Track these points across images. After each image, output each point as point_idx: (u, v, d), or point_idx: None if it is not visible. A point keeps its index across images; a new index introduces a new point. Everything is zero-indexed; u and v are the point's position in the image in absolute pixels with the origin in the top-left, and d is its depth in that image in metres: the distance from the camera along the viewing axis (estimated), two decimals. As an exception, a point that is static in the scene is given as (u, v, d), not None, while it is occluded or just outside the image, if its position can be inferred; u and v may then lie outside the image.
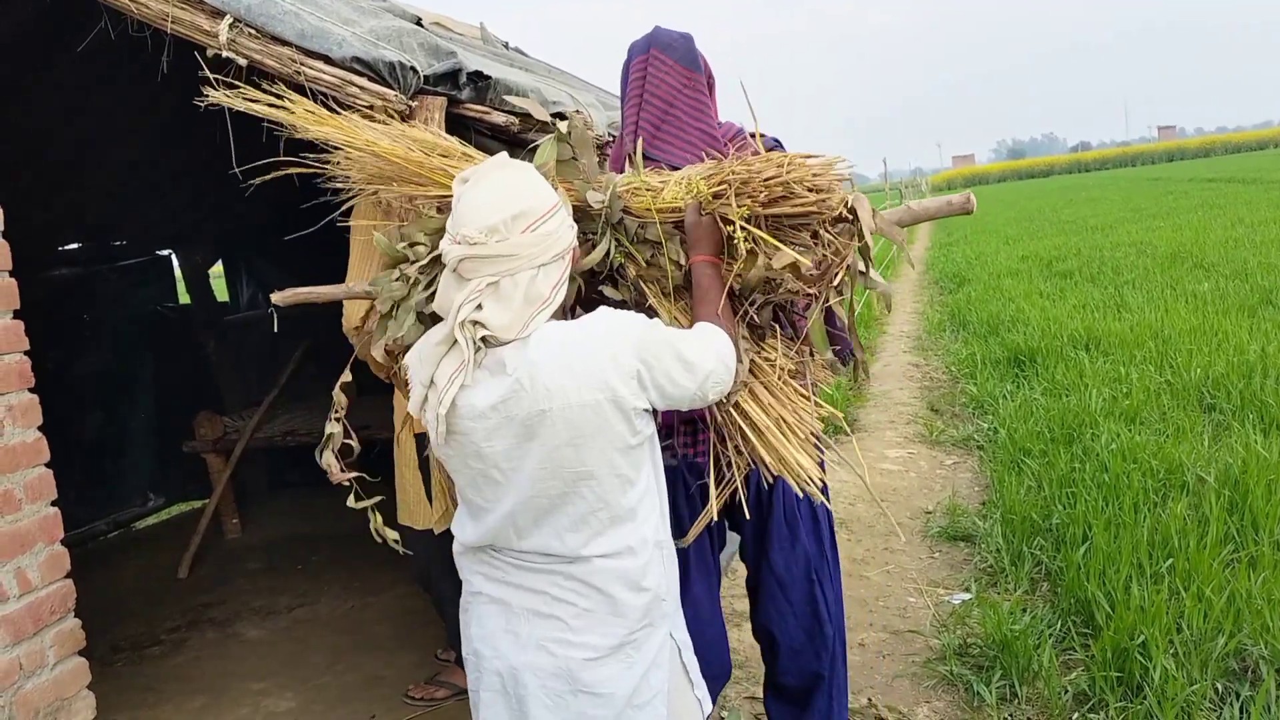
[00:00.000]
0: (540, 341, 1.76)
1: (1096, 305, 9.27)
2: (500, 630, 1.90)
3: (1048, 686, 3.10)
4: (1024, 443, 5.38)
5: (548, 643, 1.85)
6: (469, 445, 1.80)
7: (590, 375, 1.75)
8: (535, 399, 1.73)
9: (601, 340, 1.79)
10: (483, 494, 1.86)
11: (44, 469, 2.60)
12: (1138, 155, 67.91)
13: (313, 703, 3.63)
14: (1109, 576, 3.57)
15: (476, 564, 1.96)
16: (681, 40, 2.47)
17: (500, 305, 1.74)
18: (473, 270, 1.75)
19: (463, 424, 1.79)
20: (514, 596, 1.89)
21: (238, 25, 2.58)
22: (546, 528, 1.83)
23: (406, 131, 2.25)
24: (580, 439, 1.76)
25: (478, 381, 1.76)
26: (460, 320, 1.73)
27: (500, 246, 1.73)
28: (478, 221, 1.74)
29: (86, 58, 3.32)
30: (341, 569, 5.06)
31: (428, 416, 1.83)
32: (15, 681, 2.46)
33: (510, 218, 1.74)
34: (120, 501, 6.51)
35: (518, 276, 1.75)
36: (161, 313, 6.85)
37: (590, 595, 1.84)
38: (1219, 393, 5.80)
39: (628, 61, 2.50)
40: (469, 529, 1.94)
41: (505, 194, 1.78)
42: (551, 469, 1.78)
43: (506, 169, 1.85)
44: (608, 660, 1.85)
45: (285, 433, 5.71)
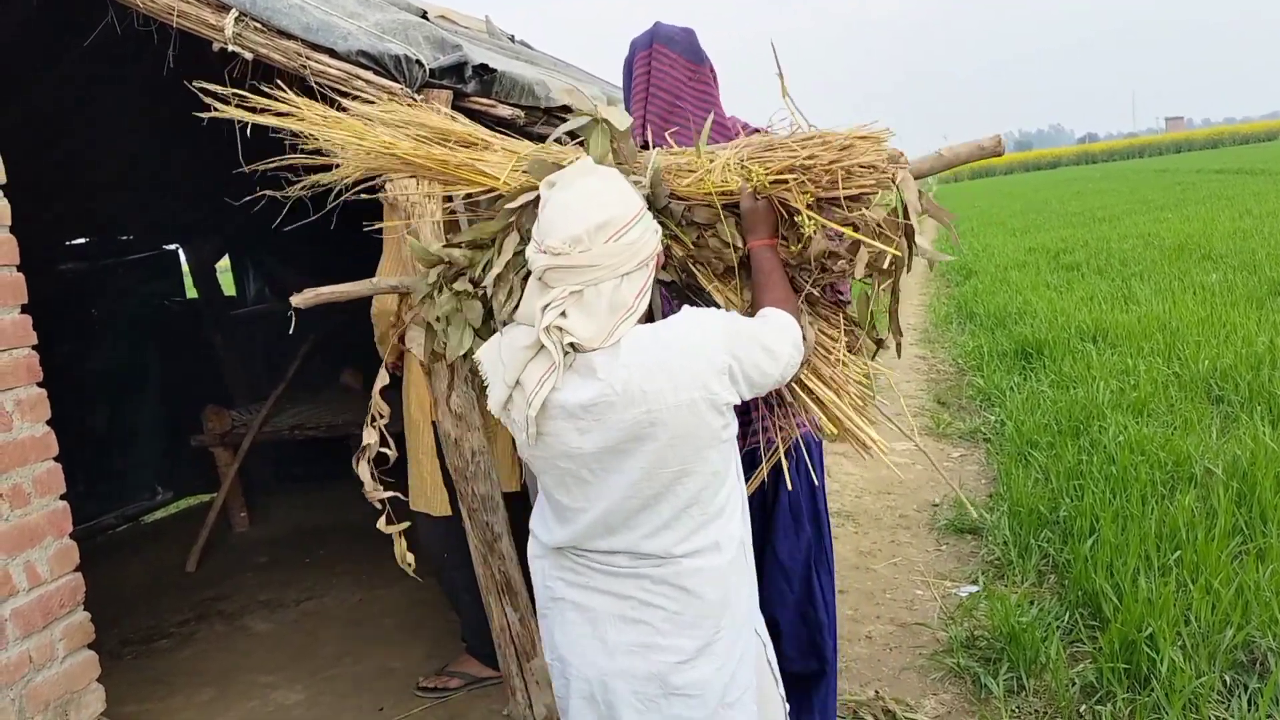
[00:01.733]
0: (632, 346, 1.75)
1: (1104, 297, 9.24)
2: (586, 637, 1.89)
3: (1055, 679, 3.09)
4: (1031, 435, 5.37)
5: (637, 648, 1.85)
6: (559, 445, 1.80)
7: (687, 375, 1.75)
8: (632, 403, 1.73)
9: (693, 339, 1.79)
10: (571, 494, 1.85)
11: (53, 463, 2.61)
12: (1145, 146, 67.64)
13: (321, 695, 3.64)
14: (1117, 569, 3.56)
15: (557, 569, 1.95)
16: (683, 34, 2.47)
17: (585, 315, 1.73)
18: (557, 279, 1.74)
19: (553, 425, 1.78)
20: (599, 602, 1.88)
21: (243, 19, 2.58)
22: (639, 528, 1.82)
23: (420, 118, 2.17)
24: (678, 439, 1.76)
25: (567, 383, 1.76)
26: (545, 326, 1.72)
27: (583, 257, 1.72)
28: (561, 231, 1.73)
29: (93, 52, 3.33)
30: (349, 562, 5.07)
31: (513, 416, 1.83)
32: (26, 674, 2.47)
33: (594, 228, 1.73)
34: (128, 495, 6.53)
35: (601, 286, 1.74)
36: (169, 307, 6.87)
37: (679, 597, 1.84)
38: (1227, 384, 5.78)
39: (630, 57, 2.50)
40: (555, 531, 1.92)
41: (589, 203, 1.77)
42: (649, 470, 1.77)
43: (590, 175, 1.84)
44: (697, 662, 1.85)
45: (293, 426, 5.73)
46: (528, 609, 2.97)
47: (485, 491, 2.86)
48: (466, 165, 2.06)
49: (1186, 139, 67.57)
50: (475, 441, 2.83)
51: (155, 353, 6.55)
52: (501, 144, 2.10)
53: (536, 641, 2.97)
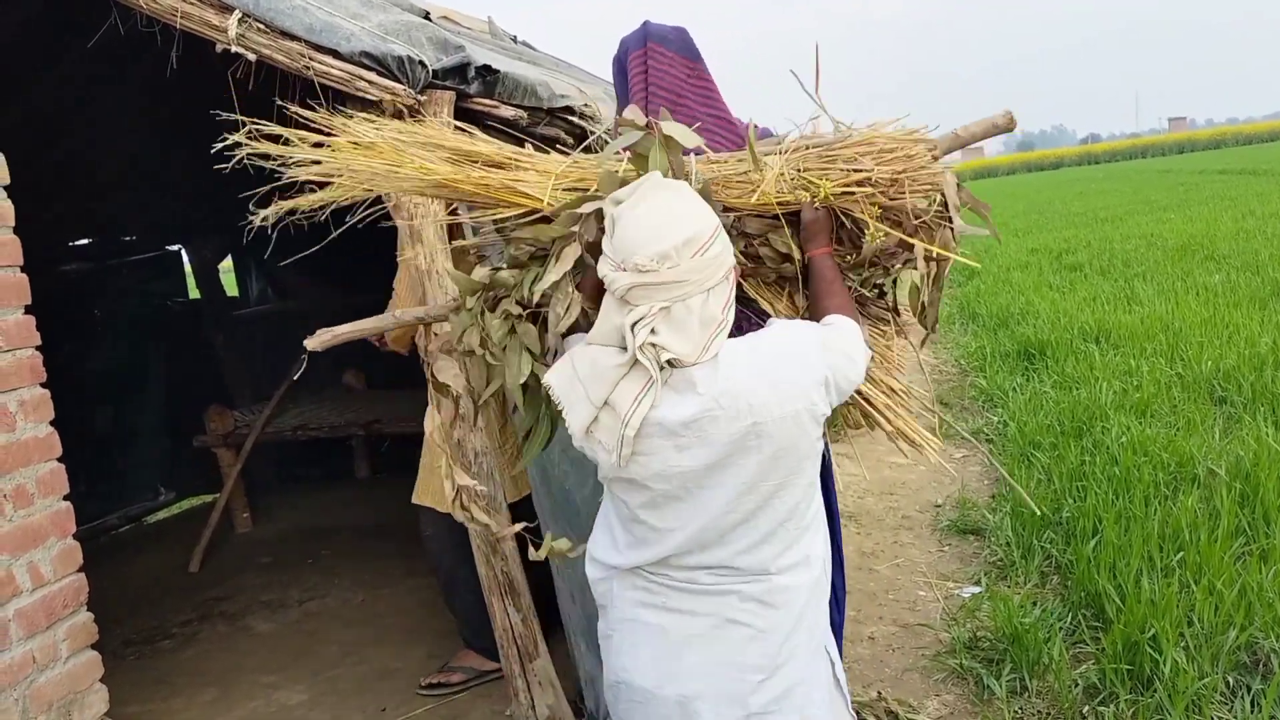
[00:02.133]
0: (733, 360, 1.74)
1: (1107, 298, 9.23)
2: (663, 658, 1.86)
3: (1058, 680, 3.09)
4: (1034, 436, 5.37)
5: (718, 668, 1.83)
6: (654, 465, 1.76)
7: (791, 386, 1.75)
8: (738, 416, 1.71)
9: (793, 352, 1.79)
10: (661, 514, 1.81)
11: (56, 463, 2.61)
12: (1148, 147, 67.51)
13: (324, 695, 3.65)
14: (1119, 569, 3.56)
15: (628, 589, 1.90)
16: (675, 32, 2.44)
17: (677, 332, 1.70)
18: (642, 297, 1.70)
19: (649, 443, 1.74)
20: (676, 623, 1.85)
21: (246, 20, 2.58)
22: (735, 544, 1.80)
23: (443, 138, 2.09)
24: (782, 451, 1.75)
25: (665, 400, 1.72)
26: (639, 344, 1.69)
27: (671, 273, 1.68)
28: (648, 248, 1.69)
29: (95, 52, 3.33)
30: (352, 562, 5.08)
31: (600, 438, 1.77)
32: (29, 675, 2.48)
33: (681, 243, 1.69)
34: (131, 496, 6.54)
35: (690, 301, 1.70)
36: (171, 307, 6.88)
37: (766, 615, 1.82)
38: (1230, 385, 5.78)
39: (621, 57, 2.45)
40: (630, 553, 1.88)
41: (672, 218, 1.73)
42: (751, 484, 1.76)
43: (665, 190, 1.80)
44: (774, 681, 1.84)
45: (296, 427, 5.74)
46: (530, 609, 2.97)
47: (488, 493, 2.85)
48: (507, 187, 1.99)
49: (1189, 139, 67.45)
50: (478, 442, 2.83)
51: (158, 353, 6.56)
52: (531, 163, 2.04)
53: (539, 642, 2.98)
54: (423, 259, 2.69)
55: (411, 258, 2.74)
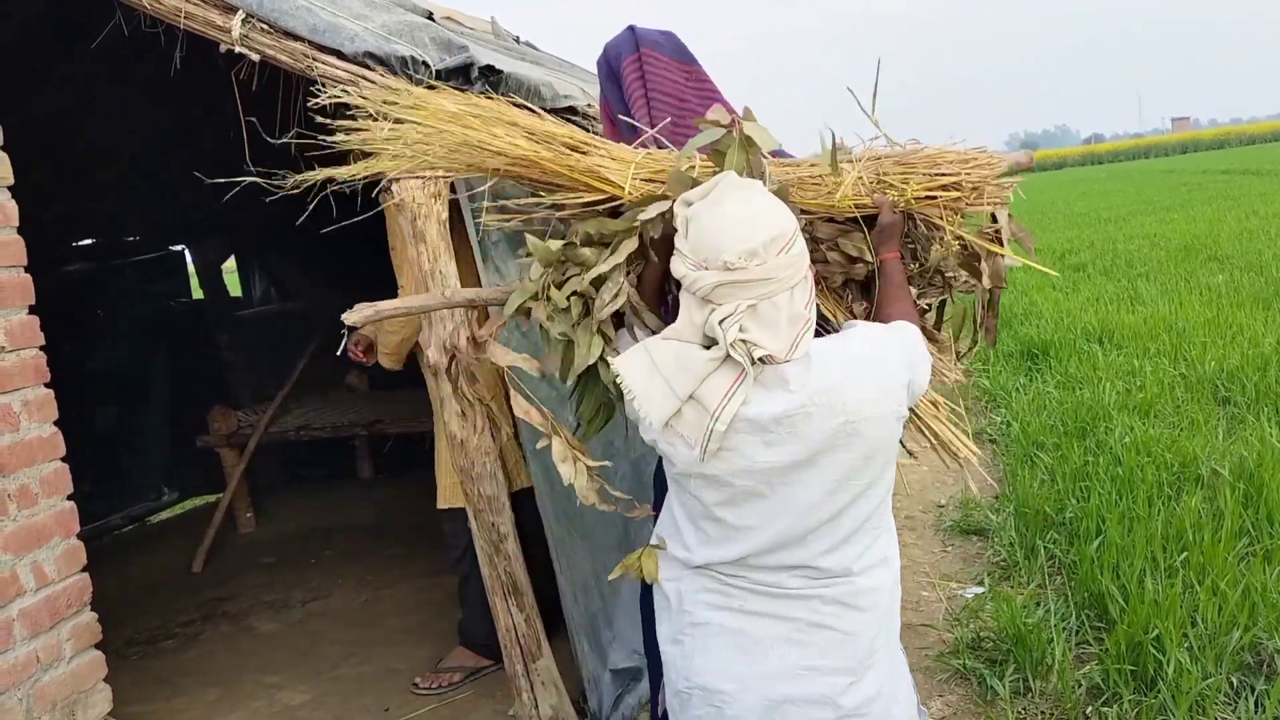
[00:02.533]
0: (825, 359, 1.74)
1: (1110, 298, 9.22)
2: (742, 662, 1.84)
3: (1061, 680, 3.09)
4: (1037, 436, 5.36)
5: (805, 671, 1.82)
6: (739, 460, 1.74)
7: (883, 387, 1.76)
8: (832, 415, 1.71)
9: (882, 352, 1.80)
10: (740, 512, 1.79)
11: (60, 463, 2.62)
12: (1151, 147, 67.47)
13: (327, 695, 3.65)
14: (1123, 570, 3.56)
15: (701, 591, 1.88)
16: (665, 36, 2.40)
17: (765, 329, 1.70)
18: (728, 295, 1.69)
19: (736, 439, 1.72)
20: (758, 625, 1.84)
21: (250, 20, 2.59)
22: (817, 544, 1.79)
23: (526, 120, 2.01)
24: (872, 451, 1.76)
25: (754, 396, 1.71)
26: (732, 340, 1.67)
27: (759, 270, 1.68)
28: (735, 246, 1.68)
29: (100, 54, 3.33)
30: (355, 563, 5.08)
31: (681, 431, 1.75)
32: (33, 674, 2.48)
33: (768, 240, 1.70)
34: (135, 496, 6.54)
35: (776, 299, 1.70)
36: (175, 308, 6.88)
37: (850, 617, 1.82)
38: (1234, 385, 5.77)
39: (611, 63, 2.39)
40: (703, 551, 1.86)
41: (757, 216, 1.73)
42: (840, 483, 1.76)
43: (744, 189, 1.79)
44: (863, 683, 1.84)
45: (299, 427, 5.74)
46: (533, 609, 2.97)
47: (491, 492, 2.86)
48: (592, 171, 1.94)
49: (1193, 139, 67.40)
50: (481, 442, 2.83)
51: (161, 353, 6.56)
52: (606, 149, 2.00)
53: (542, 642, 2.98)
54: (426, 260, 2.69)
55: (414, 257, 2.73)
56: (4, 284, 2.49)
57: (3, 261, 2.49)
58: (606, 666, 3.12)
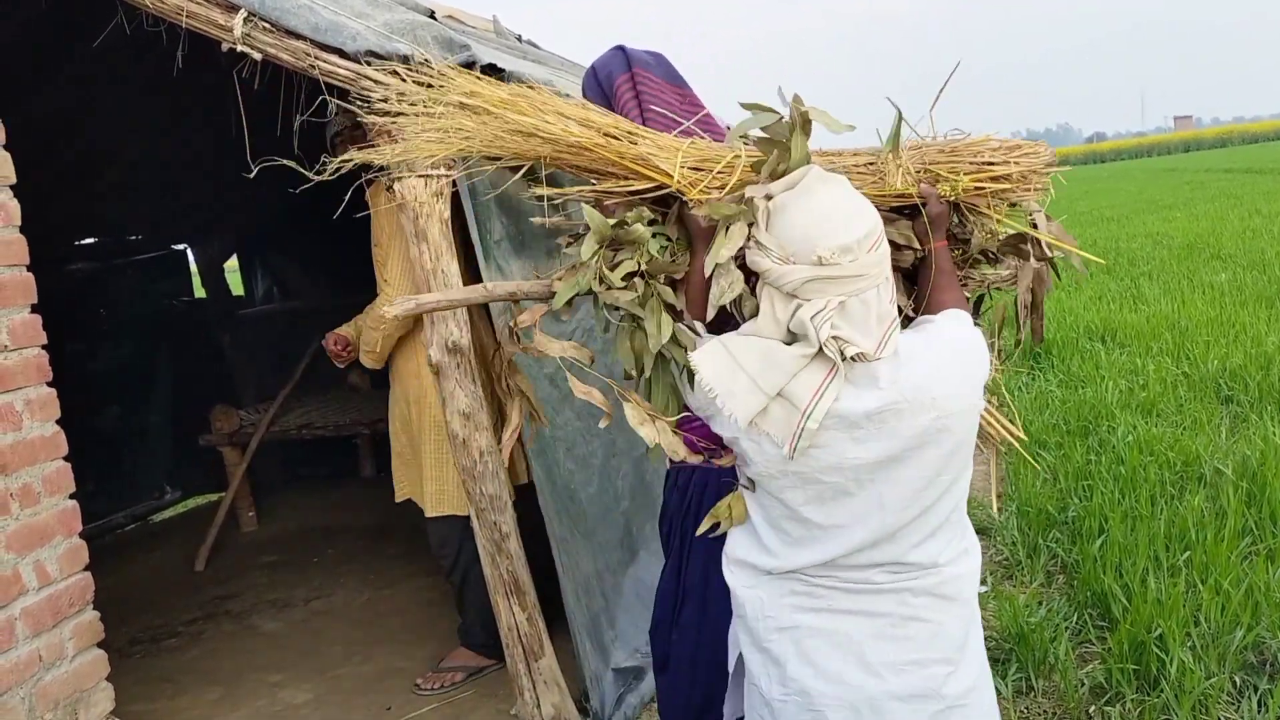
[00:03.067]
0: (912, 355, 1.73)
1: (1113, 297, 9.21)
2: (839, 661, 1.82)
3: (1064, 679, 3.09)
4: (1040, 435, 5.36)
5: (906, 665, 1.80)
6: (828, 458, 1.72)
7: (967, 382, 1.77)
8: (923, 409, 1.70)
9: (966, 348, 1.80)
10: (829, 510, 1.77)
11: (62, 462, 2.62)
12: (1153, 146, 67.41)
13: (329, 694, 3.65)
14: (1126, 569, 3.55)
15: (784, 595, 1.86)
16: (655, 58, 2.36)
17: (854, 327, 1.67)
18: (816, 291, 1.66)
19: (825, 435, 1.70)
20: (849, 624, 1.82)
21: (252, 19, 2.59)
22: (907, 539, 1.78)
23: (571, 109, 1.95)
24: (961, 444, 1.76)
25: (844, 393, 1.69)
26: (824, 339, 1.65)
27: (852, 267, 1.66)
28: (828, 241, 1.65)
29: (102, 53, 3.33)
30: (357, 562, 5.08)
31: (766, 429, 1.72)
32: (35, 673, 2.48)
33: (862, 236, 1.68)
34: (137, 495, 6.55)
35: (865, 296, 1.68)
36: (177, 307, 6.88)
37: (941, 608, 1.82)
38: (1236, 384, 5.76)
39: (602, 82, 2.36)
40: (789, 555, 1.83)
41: (850, 211, 1.71)
42: (930, 478, 1.75)
43: (832, 182, 1.75)
44: (960, 672, 1.84)
45: (301, 426, 5.74)
46: (535, 608, 2.97)
47: (493, 491, 2.86)
48: (642, 160, 1.87)
49: (1195, 138, 67.32)
50: (483, 441, 2.83)
51: (164, 352, 6.56)
52: (649, 137, 1.93)
53: (544, 641, 2.98)
54: (428, 258, 2.69)
55: (416, 256, 2.73)
56: (6, 283, 2.49)
57: (5, 260, 2.49)
58: (609, 665, 3.12)
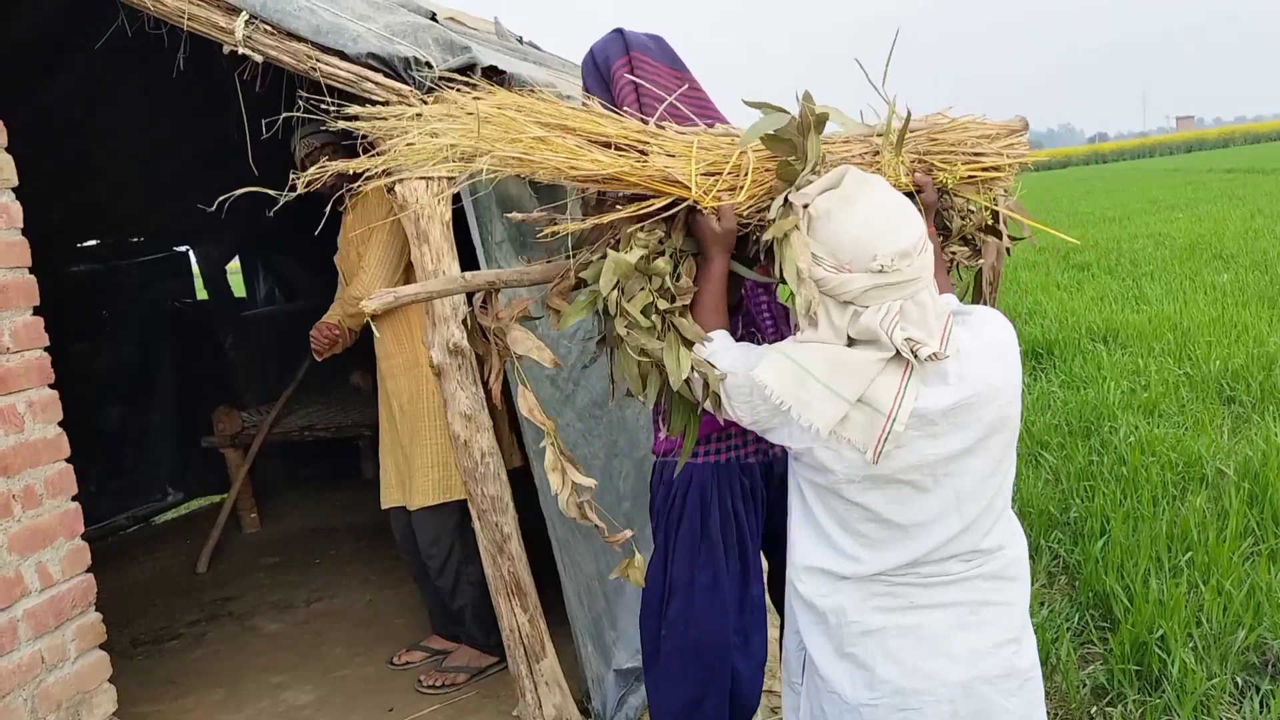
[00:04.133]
0: (970, 349, 1.76)
1: (1114, 297, 9.21)
2: (927, 656, 1.83)
3: (1066, 680, 3.09)
4: (1042, 435, 5.36)
5: (989, 649, 1.84)
6: (908, 457, 1.74)
7: (1016, 369, 1.83)
8: (989, 400, 1.74)
9: (1007, 336, 1.85)
10: (908, 510, 1.79)
11: (64, 464, 2.62)
12: (1156, 146, 67.34)
13: (332, 695, 3.65)
14: (1127, 570, 3.55)
15: (865, 599, 1.86)
16: (655, 41, 2.35)
17: (917, 327, 1.68)
18: (877, 297, 1.67)
19: (905, 435, 1.71)
20: (930, 618, 1.83)
21: (253, 22, 2.59)
22: (979, 529, 1.82)
23: (578, 122, 1.88)
24: (1014, 431, 1.84)
25: (919, 393, 1.71)
26: (899, 341, 1.66)
27: (910, 271, 1.67)
28: (887, 247, 1.65)
29: (104, 55, 3.34)
30: (359, 563, 5.09)
31: (850, 435, 1.72)
32: (38, 675, 2.49)
33: (917, 239, 1.69)
34: (139, 496, 6.55)
35: (920, 297, 1.70)
36: (179, 308, 6.89)
37: (1006, 589, 1.87)
38: (1238, 385, 5.76)
39: (600, 66, 2.33)
40: (874, 558, 1.84)
41: (896, 214, 1.72)
42: (996, 464, 1.81)
43: (872, 184, 1.75)
44: (1024, 645, 1.90)
45: (303, 427, 5.74)
46: (537, 609, 2.97)
47: (495, 493, 2.86)
48: (659, 174, 1.82)
49: (1197, 138, 67.26)
50: (485, 443, 2.83)
51: (166, 354, 6.57)
52: (659, 144, 1.88)
53: (546, 642, 2.98)
54: (430, 260, 2.69)
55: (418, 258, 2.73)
56: (9, 285, 2.49)
57: (8, 263, 2.49)
58: (610, 667, 3.12)
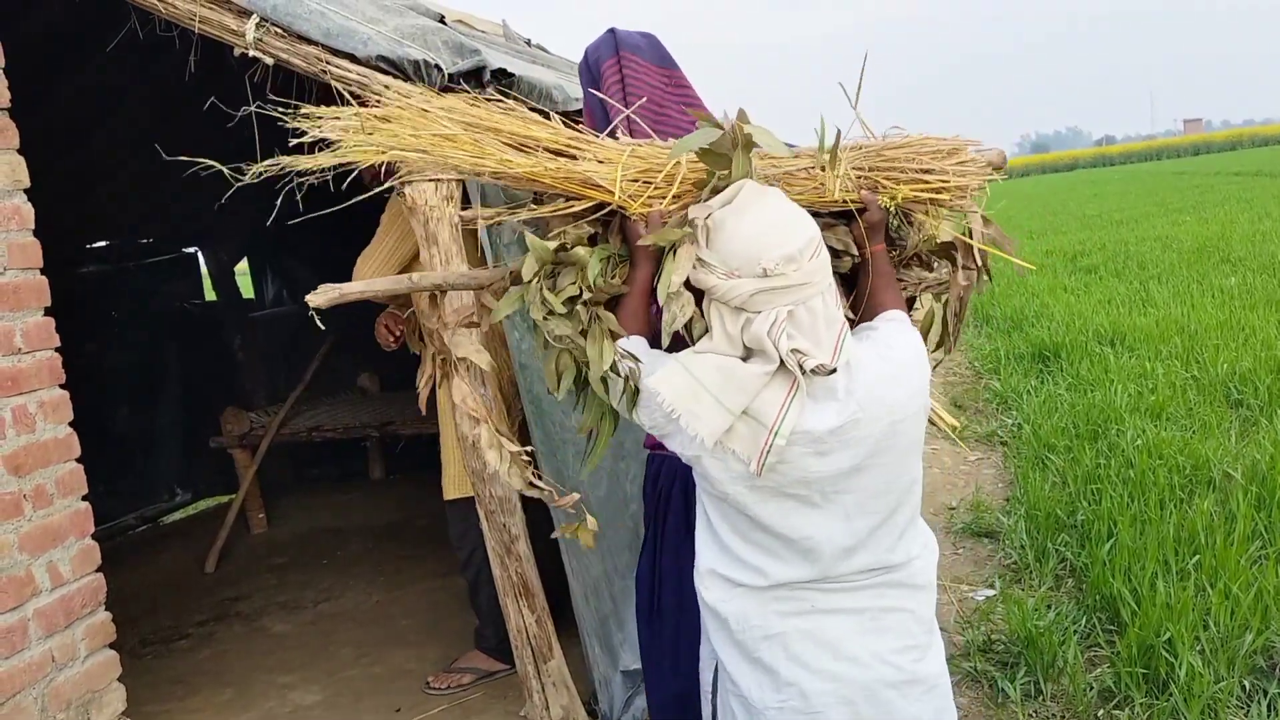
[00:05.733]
0: (863, 364, 1.75)
1: (1122, 300, 9.19)
2: (830, 659, 1.84)
3: (1073, 683, 3.08)
4: (1049, 439, 5.35)
5: (890, 654, 1.84)
6: (794, 473, 1.74)
7: (917, 384, 1.81)
8: (878, 418, 1.73)
9: (913, 352, 1.84)
10: (792, 522, 1.79)
11: (75, 464, 2.64)
12: (1163, 149, 67.24)
13: (339, 695, 3.66)
14: (1134, 573, 3.55)
15: (768, 603, 1.87)
16: (646, 40, 2.36)
17: (806, 336, 1.70)
18: (765, 302, 1.70)
19: (790, 451, 1.71)
20: (832, 622, 1.84)
21: (264, 24, 2.60)
22: (881, 543, 1.82)
23: (509, 126, 1.91)
24: (912, 446, 1.81)
25: (806, 407, 1.71)
26: (784, 351, 1.67)
27: (797, 275, 1.70)
28: (773, 252, 1.69)
29: (115, 57, 3.36)
30: (367, 564, 5.10)
31: (734, 446, 1.73)
32: (48, 674, 2.50)
33: (804, 244, 1.72)
34: (148, 496, 6.58)
35: (812, 303, 1.72)
36: (188, 309, 6.92)
37: (911, 595, 1.86)
38: (1246, 388, 5.75)
39: (591, 65, 2.35)
40: (775, 570, 1.84)
41: (786, 221, 1.75)
42: (889, 481, 1.79)
43: (765, 195, 1.79)
44: (933, 651, 1.90)
45: (311, 428, 5.76)
46: (544, 610, 2.98)
47: (503, 494, 2.87)
48: (584, 181, 1.86)
49: (1205, 141, 67.14)
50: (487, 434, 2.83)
51: (174, 355, 6.60)
52: (591, 150, 1.92)
53: (553, 643, 2.98)
54: (438, 262, 2.70)
55: (426, 259, 2.75)
56: (21, 286, 2.51)
57: (20, 263, 2.51)
58: (617, 668, 3.12)
